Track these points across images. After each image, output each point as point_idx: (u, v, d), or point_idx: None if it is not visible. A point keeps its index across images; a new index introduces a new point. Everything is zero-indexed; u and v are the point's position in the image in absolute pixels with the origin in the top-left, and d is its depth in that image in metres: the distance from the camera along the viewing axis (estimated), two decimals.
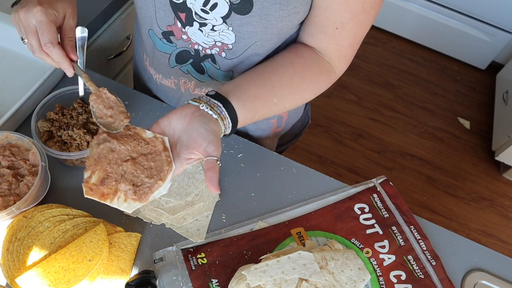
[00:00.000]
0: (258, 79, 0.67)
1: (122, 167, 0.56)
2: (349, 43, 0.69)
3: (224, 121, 0.60)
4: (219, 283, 0.67)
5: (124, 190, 0.56)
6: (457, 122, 2.30)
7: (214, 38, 0.69)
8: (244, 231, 0.73)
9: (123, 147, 0.57)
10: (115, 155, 0.57)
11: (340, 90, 2.33)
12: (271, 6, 0.62)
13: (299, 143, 2.07)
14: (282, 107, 0.70)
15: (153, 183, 0.56)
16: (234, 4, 0.63)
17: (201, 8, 0.65)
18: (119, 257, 0.67)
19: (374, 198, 0.79)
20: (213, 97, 0.61)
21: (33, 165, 0.70)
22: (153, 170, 0.57)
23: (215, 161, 0.56)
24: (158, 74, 0.83)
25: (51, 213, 0.67)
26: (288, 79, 0.68)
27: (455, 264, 0.75)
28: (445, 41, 2.47)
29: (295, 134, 1.02)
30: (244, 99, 0.63)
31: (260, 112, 0.66)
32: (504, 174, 2.12)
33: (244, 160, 0.82)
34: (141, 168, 0.57)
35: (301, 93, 0.70)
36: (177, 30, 0.71)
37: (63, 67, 0.67)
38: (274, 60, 0.70)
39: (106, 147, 0.57)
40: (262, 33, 0.66)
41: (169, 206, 0.73)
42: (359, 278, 0.66)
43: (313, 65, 0.70)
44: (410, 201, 1.97)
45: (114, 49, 1.17)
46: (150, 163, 0.57)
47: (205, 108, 0.59)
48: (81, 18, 0.98)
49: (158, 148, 0.57)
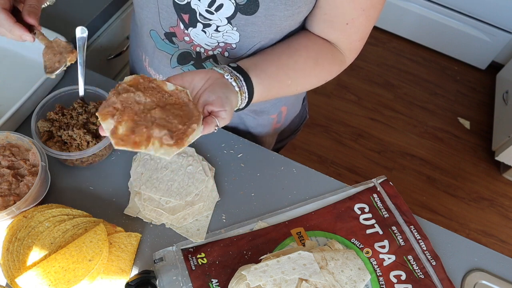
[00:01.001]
0: (275, 60, 0.68)
1: (151, 114, 0.52)
2: (359, 37, 0.70)
3: (242, 95, 0.62)
4: (219, 283, 0.67)
5: (159, 136, 0.51)
6: (457, 122, 2.30)
7: (217, 39, 0.69)
8: (244, 231, 0.73)
9: (148, 99, 0.53)
10: (141, 106, 0.53)
11: (340, 90, 2.33)
12: (277, 6, 0.62)
13: (299, 143, 2.07)
14: (294, 89, 0.71)
15: (186, 128, 0.52)
16: (240, 4, 0.63)
17: (206, 9, 0.65)
18: (119, 257, 0.67)
19: (374, 198, 0.79)
20: (235, 69, 0.62)
21: (33, 165, 0.70)
22: (184, 118, 0.53)
23: (214, 125, 0.57)
24: (158, 74, 0.83)
25: (51, 213, 0.67)
26: (303, 63, 0.69)
27: (455, 264, 0.75)
28: (445, 41, 2.47)
29: (293, 129, 1.03)
30: (262, 77, 0.65)
31: (273, 91, 0.68)
32: (504, 174, 2.12)
33: (244, 160, 0.82)
34: (172, 114, 0.53)
35: (313, 78, 0.72)
36: (179, 31, 0.71)
37: (17, 34, 0.61)
38: (291, 44, 0.70)
39: (131, 98, 0.53)
40: (266, 32, 0.67)
41: (169, 206, 0.73)
42: (359, 278, 0.66)
43: (328, 53, 0.71)
44: (410, 201, 1.97)
45: (114, 49, 1.17)
46: (178, 111, 0.54)
47: (229, 79, 0.60)
48: (81, 18, 0.99)
49: (183, 99, 0.55)
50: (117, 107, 0.52)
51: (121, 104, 0.52)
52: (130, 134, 0.50)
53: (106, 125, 0.51)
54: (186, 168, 0.76)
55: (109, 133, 0.50)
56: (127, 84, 0.54)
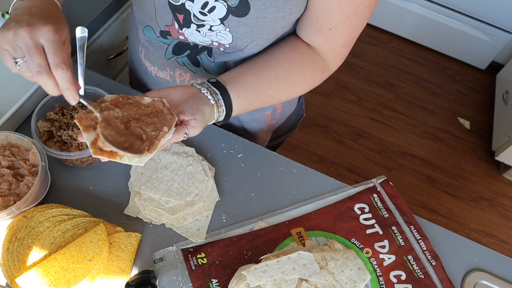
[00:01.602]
0: (256, 72, 0.70)
1: (126, 126, 0.58)
2: (343, 43, 0.71)
3: (219, 108, 0.65)
4: (219, 283, 0.67)
5: None
6: (457, 122, 2.30)
7: (211, 38, 0.70)
8: (244, 231, 0.73)
9: (125, 113, 0.59)
10: (119, 120, 0.58)
11: (340, 90, 2.33)
12: (267, 9, 0.63)
13: (299, 143, 2.07)
14: (277, 99, 0.74)
15: (158, 133, 0.57)
16: (231, 7, 0.64)
17: (200, 11, 0.66)
18: (119, 257, 0.67)
19: (374, 198, 0.79)
20: (213, 84, 0.66)
21: (33, 165, 0.70)
22: (158, 124, 0.58)
23: (183, 133, 0.60)
24: (153, 66, 0.84)
25: (51, 213, 0.67)
26: (285, 74, 0.72)
27: (455, 264, 0.75)
28: (445, 41, 2.47)
29: (289, 127, 1.03)
30: (241, 90, 0.67)
31: (255, 103, 0.71)
32: (504, 174, 2.12)
33: (244, 160, 0.82)
34: (145, 123, 0.58)
35: (296, 87, 0.74)
36: (174, 30, 0.72)
37: (68, 93, 0.58)
38: (273, 54, 0.72)
39: (110, 114, 0.58)
40: (258, 33, 0.68)
41: (169, 206, 0.73)
42: (359, 278, 0.66)
43: (309, 61, 0.73)
44: (410, 201, 1.97)
45: (114, 49, 1.17)
46: (153, 119, 0.59)
47: (206, 93, 0.64)
48: (81, 18, 0.99)
49: (158, 107, 0.60)
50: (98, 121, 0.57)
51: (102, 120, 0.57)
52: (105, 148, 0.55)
53: (87, 136, 0.56)
54: (186, 168, 0.76)
55: (89, 144, 0.55)
56: (109, 102, 0.60)
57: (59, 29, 0.56)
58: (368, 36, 2.56)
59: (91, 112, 0.58)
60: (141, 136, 0.57)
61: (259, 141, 0.95)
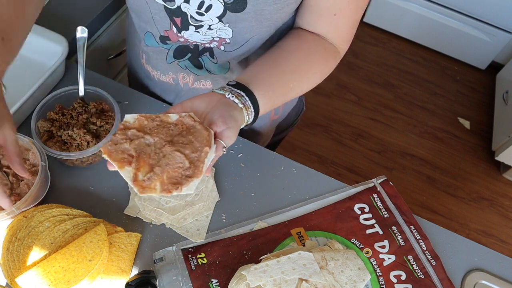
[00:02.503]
0: (271, 67, 0.67)
1: (162, 153, 0.54)
2: (348, 27, 0.70)
3: (248, 110, 0.61)
4: (219, 283, 0.67)
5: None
6: (457, 122, 2.30)
7: (212, 35, 0.70)
8: (244, 231, 0.73)
9: (156, 138, 0.55)
10: (152, 147, 0.55)
11: (340, 90, 2.33)
12: (265, 1, 0.62)
13: (299, 143, 2.07)
14: (299, 91, 0.71)
15: (200, 154, 0.54)
16: (228, 3, 0.63)
17: (196, 11, 0.65)
18: (119, 257, 0.67)
19: (374, 198, 0.79)
20: (236, 86, 0.62)
21: (33, 165, 0.70)
22: (195, 143, 0.55)
23: (221, 147, 0.56)
24: (156, 71, 0.84)
25: (51, 213, 0.67)
26: (298, 64, 0.69)
27: (455, 264, 0.75)
28: (445, 41, 2.47)
29: (291, 122, 1.03)
30: (263, 88, 0.64)
31: (278, 98, 0.68)
32: (504, 174, 2.12)
33: (244, 160, 0.82)
34: (182, 145, 0.55)
35: (312, 76, 0.72)
36: (172, 34, 0.72)
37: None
38: (282, 46, 0.70)
39: (141, 143, 0.55)
40: (258, 27, 0.67)
41: (169, 206, 0.73)
42: (359, 278, 0.66)
43: (319, 48, 0.71)
44: (410, 201, 1.97)
45: (114, 49, 1.17)
46: (188, 138, 0.55)
47: (231, 97, 0.60)
48: (81, 18, 0.99)
49: (188, 123, 0.56)
50: (132, 154, 0.54)
51: (135, 151, 0.54)
52: (148, 181, 0.53)
53: (124, 173, 0.53)
54: None
55: (131, 182, 0.52)
56: (134, 128, 0.56)
57: None
58: (368, 36, 2.56)
59: (119, 143, 0.54)
60: (181, 163, 0.53)
61: (263, 137, 0.95)
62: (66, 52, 0.84)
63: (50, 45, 0.85)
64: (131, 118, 0.57)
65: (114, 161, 0.53)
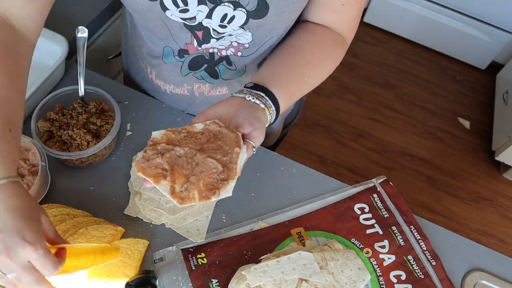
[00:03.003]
0: (284, 63, 0.68)
1: (195, 161, 0.55)
2: (355, 15, 0.71)
3: (270, 109, 0.61)
4: (219, 283, 0.67)
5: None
6: (457, 122, 2.30)
7: (231, 40, 0.69)
8: (244, 231, 0.73)
9: (186, 148, 0.56)
10: (183, 158, 0.56)
11: (340, 90, 2.32)
12: (285, 3, 0.62)
13: (299, 143, 2.07)
14: (312, 84, 0.71)
15: (231, 156, 0.55)
16: (250, 12, 0.62)
17: (219, 24, 0.65)
18: (125, 263, 0.66)
19: (374, 198, 0.79)
20: (253, 88, 0.62)
21: (33, 165, 0.70)
22: (225, 147, 0.56)
23: (251, 148, 0.57)
24: (169, 84, 0.81)
25: (52, 213, 0.67)
26: (310, 56, 0.69)
27: (455, 264, 0.75)
28: (445, 41, 2.47)
29: (295, 112, 1.03)
30: (281, 85, 0.64)
31: (296, 94, 0.68)
32: (504, 174, 2.12)
33: None
34: (212, 151, 0.56)
35: (325, 67, 0.72)
36: (192, 48, 0.71)
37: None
38: (292, 42, 0.71)
39: (173, 155, 0.56)
40: (277, 28, 0.67)
41: (169, 206, 0.73)
42: (359, 278, 0.66)
43: (328, 39, 0.71)
44: (410, 201, 1.97)
45: (114, 49, 1.17)
46: (217, 143, 0.56)
47: (252, 99, 0.60)
48: (81, 18, 0.99)
49: (215, 129, 0.57)
50: (165, 167, 0.54)
51: (168, 164, 0.54)
52: (185, 191, 0.53)
53: (161, 187, 0.53)
54: None
55: (169, 195, 0.53)
56: (163, 142, 0.56)
57: (36, 243, 0.48)
58: (368, 36, 2.56)
59: (151, 158, 0.55)
60: (214, 169, 0.54)
61: (273, 133, 0.95)
62: (66, 52, 0.84)
63: (50, 45, 0.85)
64: (158, 134, 0.57)
65: (149, 177, 0.53)
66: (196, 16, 0.64)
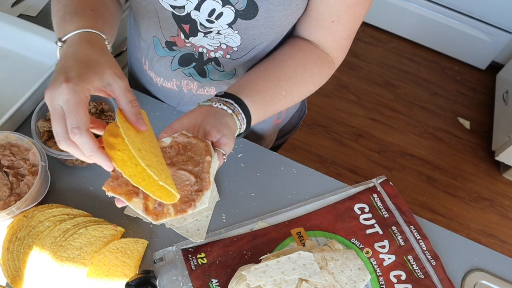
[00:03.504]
0: (263, 75, 0.67)
1: None
2: (345, 35, 0.70)
3: (239, 116, 0.61)
4: (219, 283, 0.67)
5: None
6: (457, 122, 2.30)
7: (220, 40, 0.69)
8: (244, 231, 0.73)
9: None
10: None
11: (340, 90, 2.32)
12: (276, 8, 0.62)
13: (299, 143, 2.07)
14: (291, 100, 0.70)
15: (202, 166, 0.54)
16: (239, 10, 0.62)
17: (207, 19, 0.65)
18: (124, 263, 0.66)
19: (374, 198, 0.79)
20: (223, 96, 0.62)
21: (33, 165, 0.70)
22: (196, 157, 0.55)
23: (221, 155, 0.56)
24: (159, 77, 0.83)
25: (51, 213, 0.67)
26: (292, 71, 0.69)
27: (455, 264, 0.75)
28: (445, 41, 2.47)
29: (293, 125, 1.03)
30: (253, 94, 0.64)
31: (270, 106, 0.67)
32: (504, 174, 2.12)
33: (244, 160, 0.82)
34: (183, 163, 0.54)
35: (306, 84, 0.71)
36: (180, 40, 0.71)
37: (96, 160, 0.49)
38: (275, 56, 0.70)
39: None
40: (267, 33, 0.67)
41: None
42: (359, 278, 0.66)
43: (313, 57, 0.71)
44: (410, 201, 1.97)
45: (114, 49, 1.17)
46: (187, 154, 0.55)
47: (219, 105, 0.60)
48: None
49: (183, 141, 0.56)
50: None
51: None
52: (159, 207, 0.52)
53: (134, 205, 0.51)
54: None
55: (143, 213, 0.51)
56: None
57: (78, 83, 0.47)
58: (368, 36, 2.56)
59: (121, 176, 0.50)
60: (186, 181, 0.53)
61: (266, 142, 0.95)
62: None
63: (50, 45, 0.85)
64: None
65: (120, 195, 0.51)
66: (186, 6, 0.64)
